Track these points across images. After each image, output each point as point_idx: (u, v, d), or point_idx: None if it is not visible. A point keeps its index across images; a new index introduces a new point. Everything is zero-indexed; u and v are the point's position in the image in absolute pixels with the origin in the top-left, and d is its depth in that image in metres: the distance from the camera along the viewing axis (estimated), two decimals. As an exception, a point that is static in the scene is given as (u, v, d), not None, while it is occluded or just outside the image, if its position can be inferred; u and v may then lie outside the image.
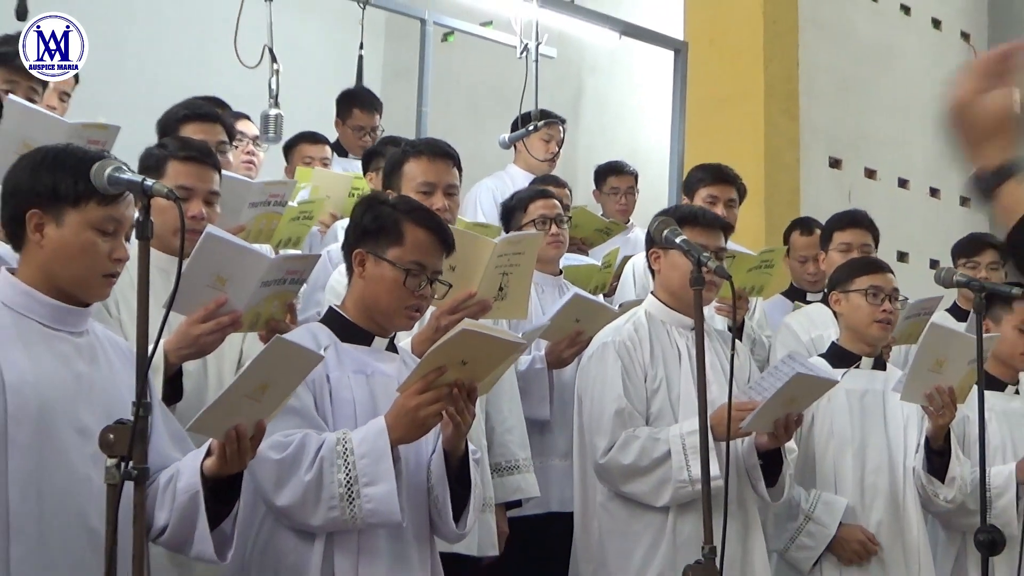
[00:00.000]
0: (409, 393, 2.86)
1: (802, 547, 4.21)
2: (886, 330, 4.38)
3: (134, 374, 2.49)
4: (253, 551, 3.02)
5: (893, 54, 8.28)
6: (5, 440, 2.48)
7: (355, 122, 6.37)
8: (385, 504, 2.87)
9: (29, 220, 2.56)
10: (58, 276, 2.58)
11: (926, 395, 4.14)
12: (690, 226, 3.78)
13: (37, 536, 2.48)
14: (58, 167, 2.57)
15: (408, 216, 3.14)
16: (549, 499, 4.30)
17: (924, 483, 4.28)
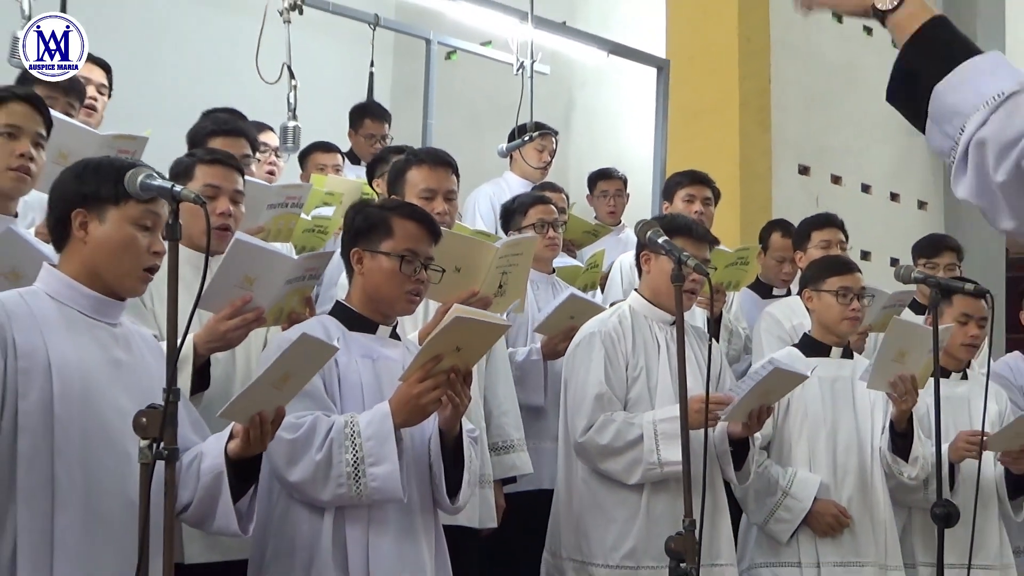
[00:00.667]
0: (411, 382, 2.89)
1: (780, 520, 4.21)
2: (854, 326, 4.42)
3: (161, 364, 2.53)
4: (270, 523, 3.04)
5: (856, 71, 8.28)
6: (52, 417, 2.48)
7: (367, 131, 6.40)
8: (388, 482, 2.89)
9: (74, 219, 2.59)
10: (102, 269, 2.62)
11: (890, 383, 4.17)
12: (682, 237, 3.81)
13: (81, 507, 2.49)
14: (100, 173, 2.61)
15: (395, 211, 3.20)
16: (542, 477, 4.31)
17: (889, 462, 4.32)
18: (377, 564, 3.00)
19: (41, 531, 2.46)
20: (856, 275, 4.39)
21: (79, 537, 2.48)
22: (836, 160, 8.11)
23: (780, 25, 7.68)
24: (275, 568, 3.00)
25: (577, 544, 3.89)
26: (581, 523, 3.90)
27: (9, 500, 2.45)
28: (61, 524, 2.46)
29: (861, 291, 4.39)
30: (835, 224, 5.36)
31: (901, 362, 4.15)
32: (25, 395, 2.48)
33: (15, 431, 2.46)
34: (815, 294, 4.41)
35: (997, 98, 1.58)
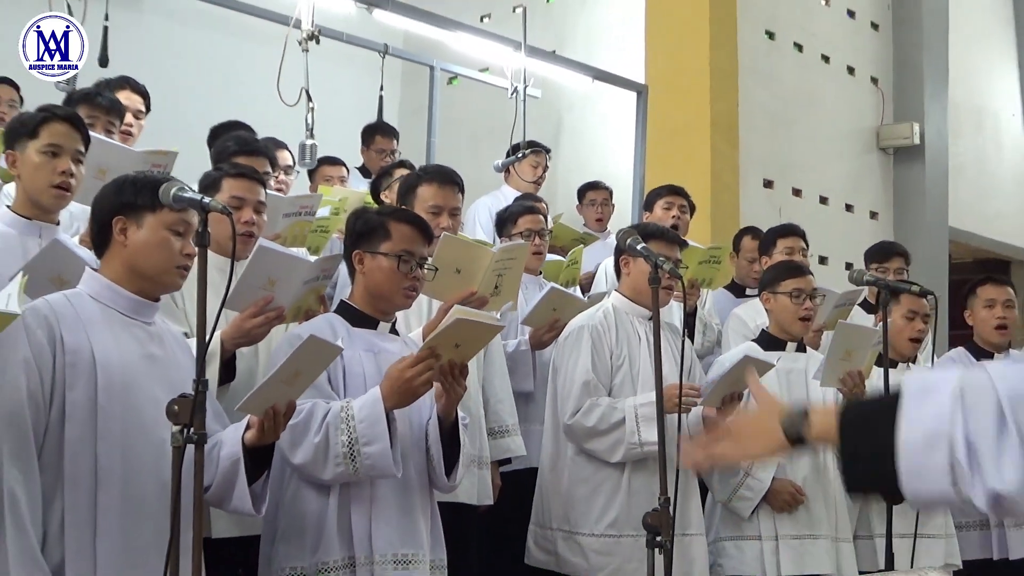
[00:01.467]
0: (403, 366, 2.88)
1: (742, 498, 4.21)
2: (807, 325, 4.42)
3: (190, 359, 2.58)
4: (282, 502, 3.04)
5: (815, 96, 8.29)
6: (96, 407, 2.49)
7: (377, 146, 6.41)
8: (381, 460, 2.88)
9: (115, 225, 2.61)
10: (141, 269, 2.63)
11: (840, 380, 4.19)
12: (656, 240, 3.89)
13: (120, 487, 2.50)
14: (137, 185, 2.64)
15: (391, 216, 3.21)
16: (532, 457, 4.29)
17: (841, 449, 4.30)
18: (378, 538, 3.00)
19: (85, 509, 2.46)
20: (808, 278, 4.41)
21: (118, 514, 2.48)
22: (797, 175, 8.11)
23: (747, 54, 7.69)
24: (286, 542, 3.00)
25: (565, 516, 3.90)
26: (568, 497, 3.91)
27: (57, 482, 2.45)
28: (102, 503, 2.47)
29: (813, 292, 4.40)
30: (797, 233, 5.39)
31: (848, 360, 4.18)
32: (72, 387, 2.49)
33: (63, 420, 2.47)
34: (772, 296, 4.42)
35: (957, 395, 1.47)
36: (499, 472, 4.12)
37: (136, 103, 4.70)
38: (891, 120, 8.86)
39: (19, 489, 2.38)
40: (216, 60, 7.70)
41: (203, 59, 7.70)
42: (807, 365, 4.37)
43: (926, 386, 1.51)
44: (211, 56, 7.72)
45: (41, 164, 3.08)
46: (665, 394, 3.47)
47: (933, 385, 1.51)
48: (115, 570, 2.46)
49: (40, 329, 2.48)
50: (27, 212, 3.15)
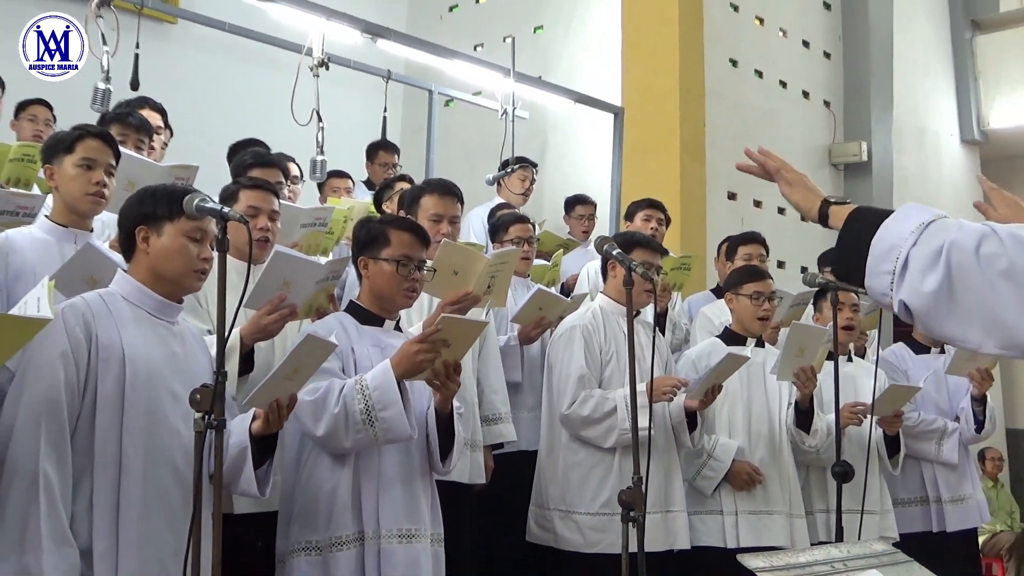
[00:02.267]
0: (410, 342, 2.89)
1: (705, 477, 4.22)
2: (765, 324, 4.44)
3: (207, 356, 2.61)
4: (298, 482, 3.04)
5: (774, 116, 8.31)
6: (123, 399, 2.48)
7: (381, 161, 6.43)
8: (397, 423, 2.88)
9: (138, 234, 2.61)
10: (162, 273, 2.63)
11: (795, 374, 4.20)
12: (641, 248, 3.94)
13: (140, 472, 2.50)
14: (156, 197, 2.64)
15: (391, 224, 3.21)
16: (520, 440, 4.30)
17: (794, 434, 4.36)
18: (385, 515, 3.00)
19: (111, 490, 2.46)
20: (767, 282, 4.42)
21: (138, 496, 2.48)
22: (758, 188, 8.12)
23: (713, 79, 7.71)
24: (302, 519, 3.00)
25: (562, 497, 3.91)
26: (565, 480, 3.92)
27: (86, 466, 2.45)
28: (125, 486, 2.47)
29: (771, 295, 4.41)
30: (758, 240, 5.39)
31: (801, 356, 4.19)
32: (103, 379, 2.49)
33: (94, 409, 2.47)
34: (735, 296, 4.43)
35: (922, 226, 1.60)
36: (492, 455, 4.11)
37: (155, 119, 4.70)
38: (842, 139, 8.89)
39: (53, 472, 2.37)
40: (236, 84, 7.70)
41: (224, 83, 7.70)
42: (765, 359, 4.39)
43: (910, 212, 1.65)
44: (231, 81, 7.72)
45: (77, 176, 3.08)
46: (656, 385, 3.65)
47: (915, 213, 1.64)
48: (135, 547, 2.46)
49: (78, 326, 2.48)
50: (64, 220, 3.15)
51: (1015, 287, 1.47)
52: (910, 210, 1.66)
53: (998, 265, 1.48)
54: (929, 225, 1.59)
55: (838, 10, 9.03)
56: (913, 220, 1.62)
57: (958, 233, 1.54)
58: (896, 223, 1.64)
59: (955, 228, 1.56)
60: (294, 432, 3.06)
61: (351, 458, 3.01)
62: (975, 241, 1.52)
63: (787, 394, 4.39)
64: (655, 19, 7.55)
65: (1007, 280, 1.48)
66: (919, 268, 1.56)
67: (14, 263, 3.00)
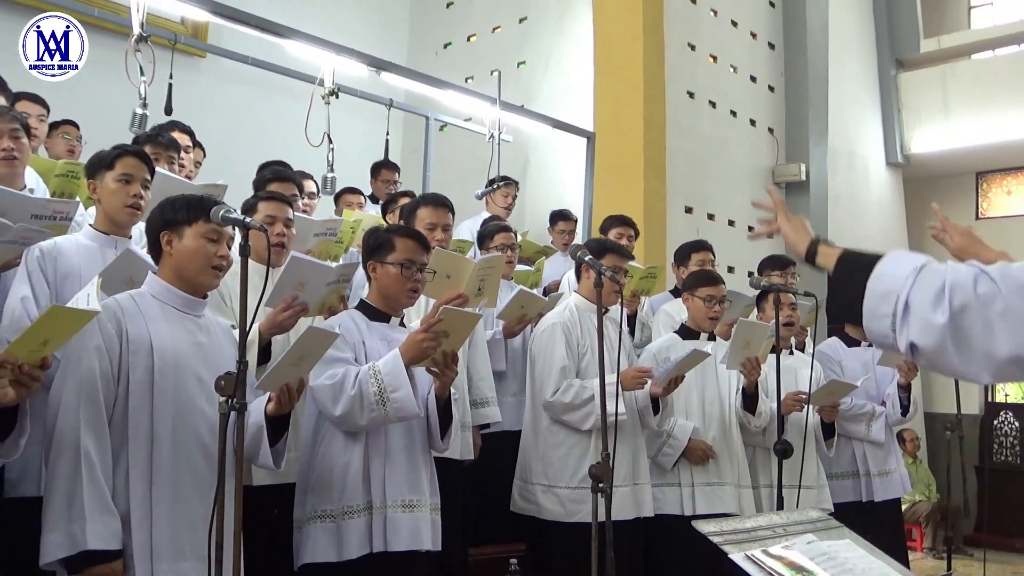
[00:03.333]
0: (417, 331, 2.89)
1: (665, 454, 4.23)
2: (714, 323, 4.45)
3: (232, 345, 2.58)
4: (314, 457, 3.02)
5: (724, 143, 8.34)
6: (152, 385, 2.46)
7: (383, 178, 6.41)
8: (406, 402, 2.88)
9: (162, 238, 2.61)
10: (184, 271, 2.61)
11: (742, 364, 4.21)
12: (612, 253, 3.94)
13: (170, 447, 2.49)
14: (176, 205, 2.64)
15: (395, 233, 3.21)
16: (504, 422, 4.30)
17: (741, 416, 4.36)
18: (391, 487, 3.00)
19: (144, 464, 2.45)
20: (719, 287, 4.43)
21: (169, 468, 2.47)
22: (711, 203, 8.15)
23: (672, 109, 7.73)
24: (317, 489, 2.98)
25: (544, 472, 3.91)
26: (547, 457, 3.92)
27: (122, 443, 2.44)
28: (157, 460, 2.46)
29: (722, 298, 4.43)
30: (706, 248, 5.39)
31: (747, 348, 4.21)
32: (134, 369, 2.47)
33: (127, 395, 2.46)
34: (690, 297, 4.44)
35: (916, 270, 1.54)
36: (479, 434, 4.10)
37: (184, 140, 4.68)
38: (783, 161, 8.92)
39: (93, 450, 2.36)
40: (257, 111, 7.67)
41: (247, 110, 7.67)
42: (715, 351, 4.38)
43: (900, 257, 1.60)
44: (253, 107, 7.70)
45: (117, 189, 3.07)
46: (626, 374, 3.69)
47: (905, 258, 1.59)
48: (167, 516, 2.45)
49: (110, 323, 2.47)
50: (105, 228, 3.13)
51: (1009, 328, 1.44)
52: (900, 256, 1.60)
53: (995, 307, 1.44)
54: (923, 269, 1.54)
55: (781, 49, 9.07)
56: (907, 265, 1.56)
57: (955, 275, 1.49)
58: (890, 267, 1.58)
59: (951, 271, 1.51)
60: (310, 414, 3.05)
61: (361, 436, 2.99)
62: (972, 282, 1.47)
63: (735, 381, 4.40)
64: (622, 56, 7.57)
65: (1003, 320, 1.44)
66: (925, 310, 1.50)
67: (62, 266, 2.98)
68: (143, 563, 2.39)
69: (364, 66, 6.08)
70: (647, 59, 7.50)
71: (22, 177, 3.48)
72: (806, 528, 2.29)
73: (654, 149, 7.51)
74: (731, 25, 8.52)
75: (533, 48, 8.60)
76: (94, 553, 2.31)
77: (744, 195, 8.46)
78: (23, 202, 3.03)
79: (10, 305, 2.89)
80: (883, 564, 2.18)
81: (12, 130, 3.34)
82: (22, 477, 2.81)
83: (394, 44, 9.24)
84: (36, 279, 2.93)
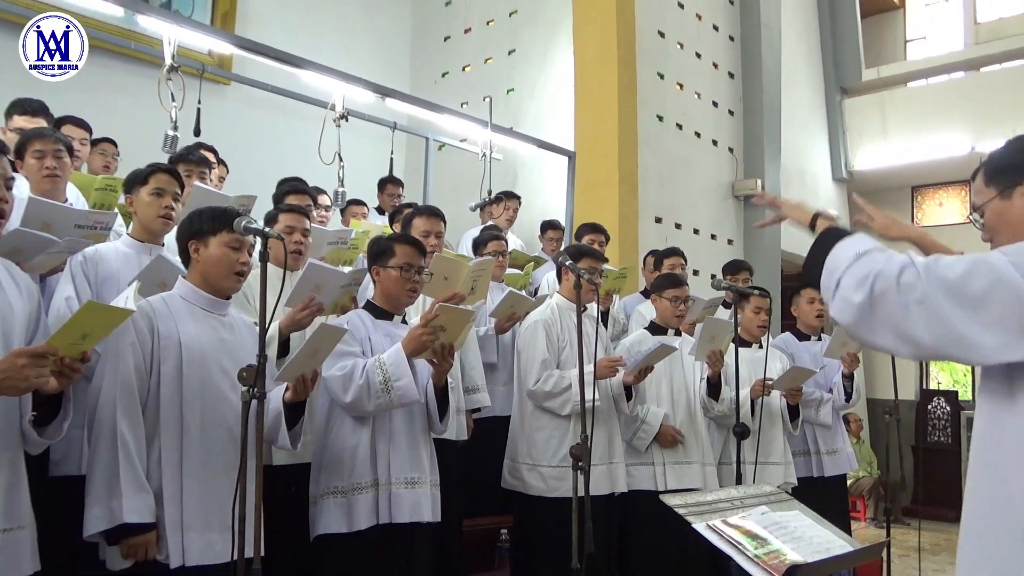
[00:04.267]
0: (416, 327, 2.89)
1: (640, 438, 4.24)
2: (680, 320, 4.46)
3: (254, 340, 2.52)
4: (327, 439, 3.02)
5: (690, 161, 8.35)
6: (181, 377, 2.46)
7: (388, 192, 6.43)
8: (408, 390, 2.88)
9: (190, 247, 2.61)
10: (210, 276, 2.61)
11: (707, 356, 4.22)
12: (588, 257, 3.94)
13: (198, 432, 2.49)
14: (202, 217, 2.63)
15: (396, 240, 3.21)
16: (494, 408, 4.30)
17: (706, 403, 4.35)
18: (395, 465, 3.00)
19: (175, 446, 2.45)
20: (684, 288, 4.44)
21: (197, 451, 2.47)
22: (678, 214, 8.17)
23: (644, 132, 7.74)
24: (329, 468, 2.99)
25: (529, 452, 3.90)
26: (531, 439, 3.91)
27: (155, 429, 2.44)
28: (186, 442, 2.46)
29: (687, 299, 4.44)
30: (678, 253, 5.44)
31: (712, 342, 4.21)
32: (165, 362, 2.47)
33: (159, 385, 2.46)
34: (659, 298, 4.45)
35: (856, 255, 1.61)
36: (472, 418, 4.10)
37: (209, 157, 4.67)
38: (742, 177, 8.94)
39: (129, 435, 2.37)
40: (276, 132, 7.65)
41: (267, 131, 7.65)
42: (681, 345, 4.40)
43: (855, 241, 1.67)
44: (272, 129, 7.68)
45: (151, 202, 3.07)
46: (599, 364, 3.65)
47: (856, 243, 1.66)
48: (196, 492, 2.45)
49: (143, 322, 2.47)
50: (141, 237, 3.12)
51: (926, 313, 1.48)
52: (856, 240, 1.67)
53: (914, 295, 1.49)
54: (863, 255, 1.60)
55: (740, 78, 9.10)
56: (852, 249, 1.63)
57: (885, 264, 1.55)
58: (842, 249, 1.66)
59: (883, 260, 1.56)
60: (324, 402, 3.05)
61: (368, 421, 2.99)
62: (897, 271, 1.52)
63: (700, 372, 4.41)
64: (599, 85, 7.58)
65: (919, 307, 1.48)
66: (848, 291, 1.57)
67: (103, 270, 2.99)
68: (174, 533, 2.39)
69: (371, 93, 6.08)
70: (621, 87, 7.51)
71: (63, 192, 3.48)
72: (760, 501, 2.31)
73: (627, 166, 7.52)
74: (696, 57, 8.55)
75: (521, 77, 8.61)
76: (130, 526, 2.31)
77: (707, 206, 8.49)
78: (67, 213, 3.04)
79: (55, 304, 2.90)
80: (827, 532, 2.19)
81: (56, 151, 3.36)
82: (65, 457, 2.80)
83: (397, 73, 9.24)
84: (79, 281, 2.93)
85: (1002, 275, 1.45)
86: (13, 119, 3.88)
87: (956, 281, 1.47)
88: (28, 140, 3.39)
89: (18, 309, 2.19)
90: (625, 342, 4.47)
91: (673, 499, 2.17)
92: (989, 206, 1.67)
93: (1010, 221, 1.64)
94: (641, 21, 7.79)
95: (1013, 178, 1.64)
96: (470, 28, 9.21)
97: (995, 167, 1.68)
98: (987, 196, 1.68)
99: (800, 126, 10.34)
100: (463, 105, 8.48)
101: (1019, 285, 1.44)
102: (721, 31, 8.91)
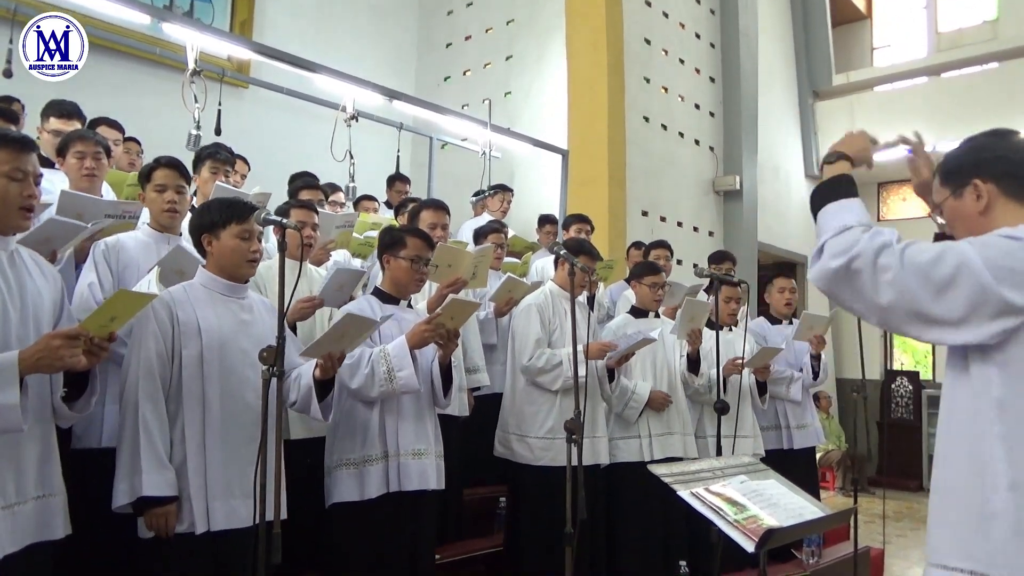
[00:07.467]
0: (421, 323, 2.90)
1: (631, 408, 4.22)
2: (658, 305, 4.46)
3: (273, 318, 2.54)
4: (340, 415, 3.02)
5: (674, 158, 8.34)
6: (202, 359, 2.45)
7: (396, 188, 6.37)
8: (409, 380, 2.88)
9: (203, 240, 2.58)
10: (226, 265, 2.59)
11: (688, 334, 4.23)
12: (584, 253, 3.88)
13: (219, 409, 2.48)
14: (212, 210, 2.59)
15: (407, 232, 3.19)
16: (494, 385, 4.30)
17: (686, 377, 4.36)
18: (403, 438, 3.00)
19: (198, 423, 2.44)
20: (660, 275, 4.44)
21: (218, 427, 2.46)
22: (663, 208, 8.16)
23: (631, 132, 7.73)
24: (342, 441, 2.99)
25: (518, 424, 3.89)
26: (521, 412, 3.90)
27: (179, 408, 2.44)
28: (208, 418, 2.45)
29: (664, 285, 4.44)
30: (665, 246, 5.44)
31: (692, 322, 4.22)
32: (186, 346, 2.46)
33: (181, 368, 2.45)
34: (637, 284, 4.44)
35: (843, 227, 1.59)
36: (472, 396, 4.11)
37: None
38: (722, 174, 8.93)
39: (150, 417, 2.37)
40: (291, 132, 7.63)
41: (283, 131, 7.63)
42: (663, 327, 4.39)
43: (848, 207, 1.63)
44: (288, 129, 7.65)
45: (154, 199, 3.07)
46: (593, 346, 3.69)
47: (848, 213, 1.62)
48: (219, 463, 2.44)
49: (163, 310, 2.46)
50: (158, 227, 3.11)
51: (895, 292, 1.49)
52: (849, 207, 1.64)
53: (886, 276, 1.50)
54: (848, 229, 1.58)
55: (720, 83, 9.08)
56: (842, 219, 1.61)
57: (868, 243, 1.54)
58: (833, 213, 1.64)
59: (867, 237, 1.55)
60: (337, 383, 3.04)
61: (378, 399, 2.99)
62: (876, 251, 1.52)
63: (680, 349, 4.42)
64: (590, 88, 7.55)
65: (890, 287, 1.50)
66: (828, 259, 1.57)
67: (123, 258, 2.97)
68: (199, 501, 2.39)
69: (379, 95, 6.05)
70: (611, 90, 7.49)
71: (100, 190, 3.47)
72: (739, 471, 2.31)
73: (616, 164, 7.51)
74: (679, 63, 8.52)
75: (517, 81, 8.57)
76: (150, 499, 2.33)
77: (690, 201, 8.47)
78: (99, 204, 3.04)
79: (79, 289, 2.88)
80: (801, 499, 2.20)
81: (95, 152, 3.35)
82: (87, 431, 2.80)
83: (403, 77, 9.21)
84: (102, 269, 2.92)
85: (967, 263, 1.45)
86: (49, 120, 3.86)
87: (924, 266, 1.47)
88: (70, 141, 3.37)
89: (46, 296, 2.19)
90: (611, 325, 4.47)
91: (660, 468, 2.17)
92: (945, 204, 1.67)
93: (963, 218, 1.64)
94: (629, 29, 7.76)
95: (963, 178, 1.64)
96: (470, 36, 9.18)
97: (947, 168, 1.69)
98: (943, 195, 1.69)
99: (775, 127, 10.32)
100: (464, 107, 8.45)
101: (981, 273, 1.44)
102: (703, 39, 8.87)
